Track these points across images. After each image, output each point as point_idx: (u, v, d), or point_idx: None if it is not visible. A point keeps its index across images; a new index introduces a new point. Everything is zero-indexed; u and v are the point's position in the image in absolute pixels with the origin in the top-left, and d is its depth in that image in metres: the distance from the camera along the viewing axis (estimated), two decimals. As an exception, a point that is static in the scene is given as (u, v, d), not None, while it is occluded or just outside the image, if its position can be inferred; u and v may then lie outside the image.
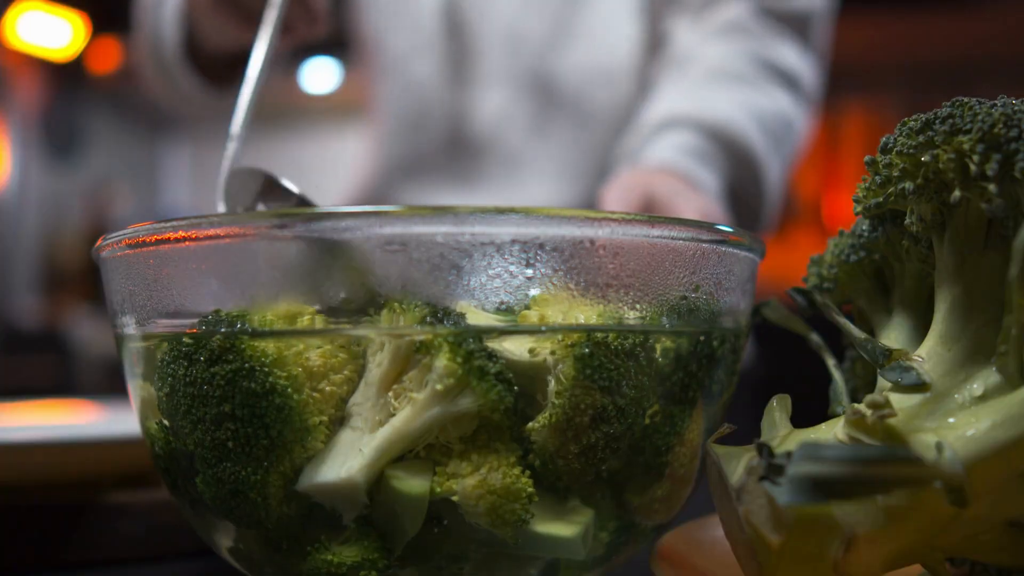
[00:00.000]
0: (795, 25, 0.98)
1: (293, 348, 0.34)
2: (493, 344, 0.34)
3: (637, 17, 1.01)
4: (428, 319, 0.33)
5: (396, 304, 0.33)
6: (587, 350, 0.34)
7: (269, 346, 0.34)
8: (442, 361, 0.33)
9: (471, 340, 0.33)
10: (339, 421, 0.35)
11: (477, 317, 0.34)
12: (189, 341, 0.35)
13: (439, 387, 0.33)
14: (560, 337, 0.34)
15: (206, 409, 0.35)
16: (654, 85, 0.98)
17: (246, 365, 0.34)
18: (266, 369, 0.34)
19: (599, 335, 0.34)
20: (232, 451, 0.34)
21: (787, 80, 0.96)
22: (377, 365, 0.34)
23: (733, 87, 0.91)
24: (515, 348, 0.34)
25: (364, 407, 0.35)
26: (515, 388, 0.34)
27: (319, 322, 0.34)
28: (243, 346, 0.34)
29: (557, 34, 1.02)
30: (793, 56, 0.97)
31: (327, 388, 0.34)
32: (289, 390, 0.34)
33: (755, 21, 0.96)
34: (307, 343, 0.34)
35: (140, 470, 0.51)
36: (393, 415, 0.34)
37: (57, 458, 0.49)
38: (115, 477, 0.51)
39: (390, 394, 0.34)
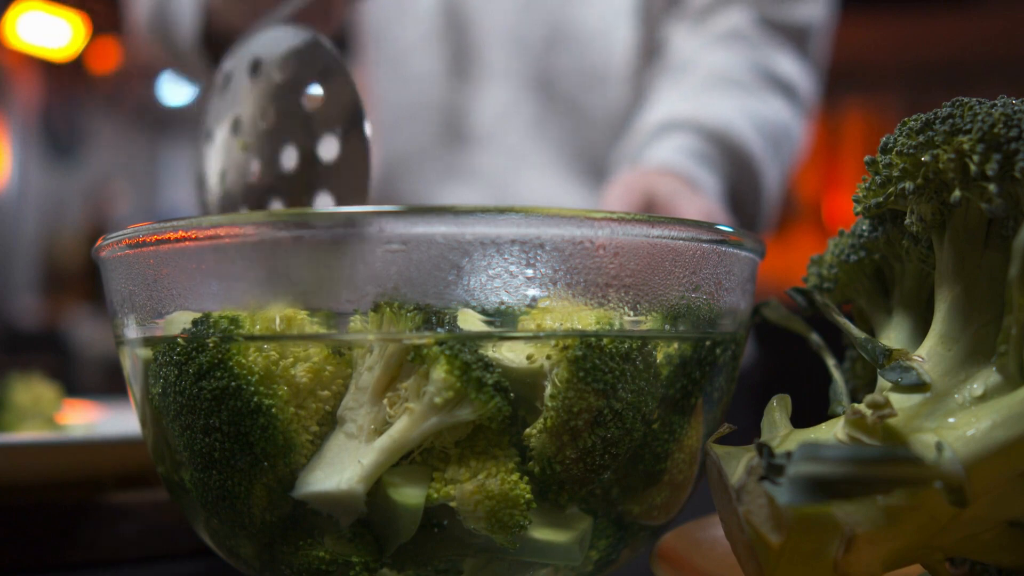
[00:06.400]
0: (794, 36, 0.99)
1: (281, 363, 0.34)
2: (490, 351, 0.34)
3: (632, 21, 1.01)
4: (423, 325, 0.33)
5: (389, 308, 0.33)
6: (580, 353, 0.34)
7: (257, 362, 0.34)
8: (439, 373, 0.33)
9: (467, 351, 0.33)
10: (328, 423, 0.35)
11: (472, 322, 0.34)
12: (181, 344, 0.35)
13: (438, 400, 0.33)
14: (554, 343, 0.34)
15: (194, 418, 0.35)
16: (653, 90, 0.98)
17: (232, 384, 0.34)
18: (252, 388, 0.34)
19: (594, 338, 0.34)
20: (218, 461, 0.35)
21: (785, 89, 0.96)
22: (368, 369, 0.34)
23: (732, 93, 0.92)
24: (512, 355, 0.34)
25: (358, 413, 0.34)
26: (512, 396, 0.34)
27: (311, 327, 0.34)
28: (231, 362, 0.34)
29: (554, 35, 1.02)
30: (791, 66, 0.97)
31: (313, 405, 0.34)
32: (274, 410, 0.34)
33: (755, 30, 0.97)
34: (296, 356, 0.34)
35: (140, 470, 0.51)
36: (389, 423, 0.34)
37: (57, 458, 0.49)
38: (115, 477, 0.51)
39: (385, 402, 0.34)
